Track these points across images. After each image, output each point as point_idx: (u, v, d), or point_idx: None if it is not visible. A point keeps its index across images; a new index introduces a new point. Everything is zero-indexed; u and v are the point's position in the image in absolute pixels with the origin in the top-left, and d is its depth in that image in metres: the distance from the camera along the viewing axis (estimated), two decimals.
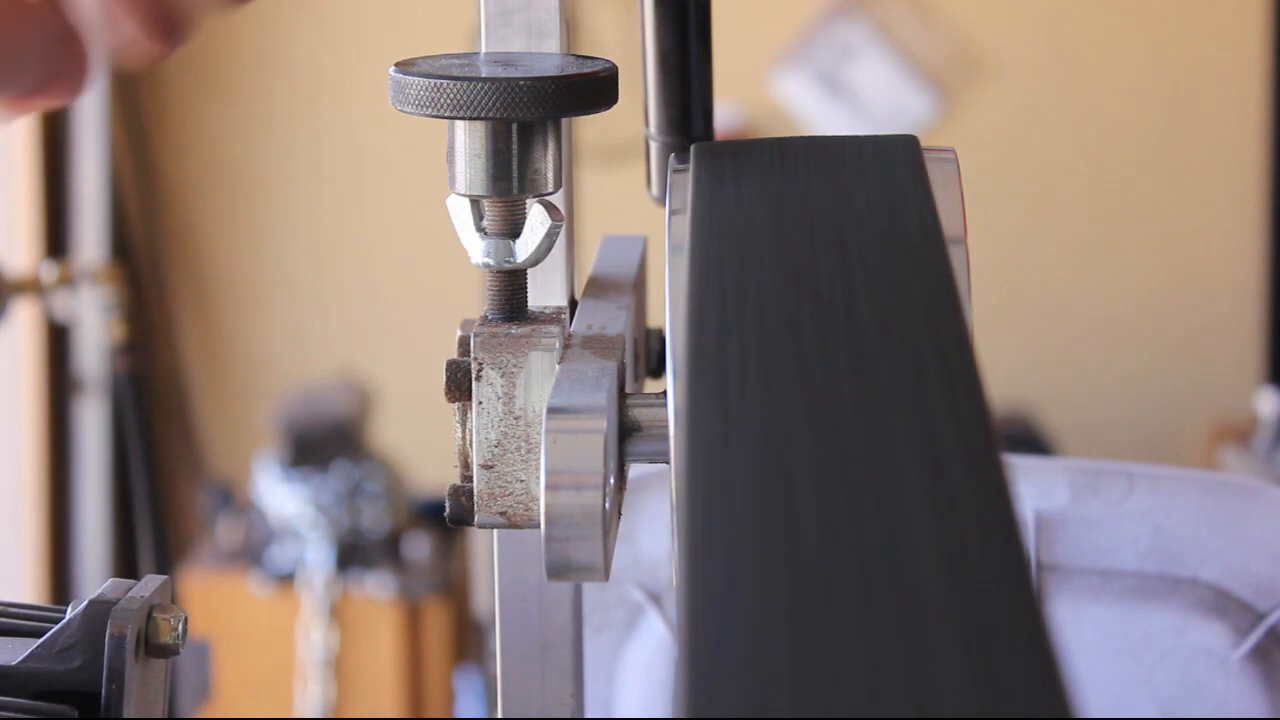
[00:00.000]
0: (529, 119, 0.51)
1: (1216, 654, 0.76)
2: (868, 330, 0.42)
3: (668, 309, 0.51)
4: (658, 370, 0.65)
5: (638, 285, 0.64)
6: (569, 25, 0.60)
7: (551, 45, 0.58)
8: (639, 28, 0.64)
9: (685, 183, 0.54)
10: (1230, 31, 2.89)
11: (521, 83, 0.50)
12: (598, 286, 0.61)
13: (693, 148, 0.54)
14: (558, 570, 0.48)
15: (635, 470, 0.61)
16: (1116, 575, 0.76)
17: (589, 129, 2.49)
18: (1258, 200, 2.92)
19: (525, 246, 0.54)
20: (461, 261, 0.56)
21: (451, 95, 0.51)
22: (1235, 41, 2.89)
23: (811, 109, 2.92)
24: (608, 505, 0.48)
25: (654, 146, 0.66)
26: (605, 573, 0.48)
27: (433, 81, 0.52)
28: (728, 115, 2.79)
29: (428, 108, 0.52)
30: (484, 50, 0.58)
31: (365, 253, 2.98)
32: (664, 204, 0.60)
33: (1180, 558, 0.76)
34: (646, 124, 0.66)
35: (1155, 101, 2.91)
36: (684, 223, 0.52)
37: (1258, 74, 2.89)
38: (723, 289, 0.44)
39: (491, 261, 0.54)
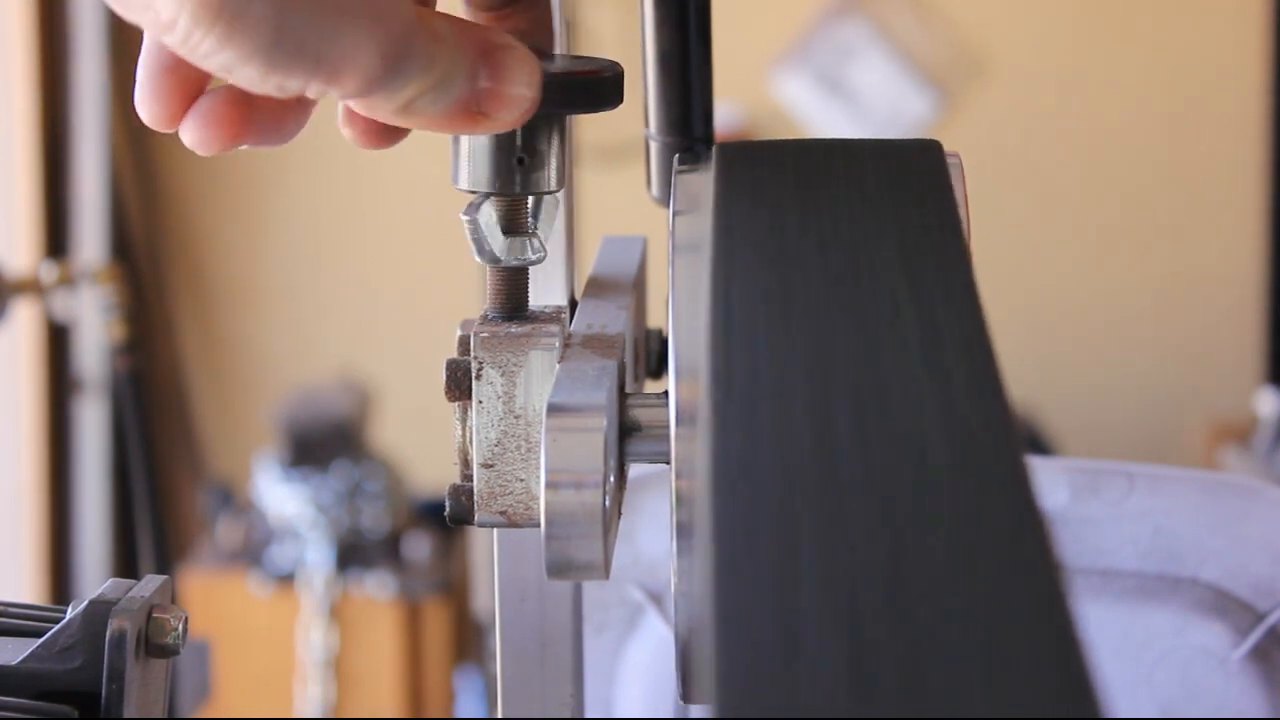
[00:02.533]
0: (533, 115, 0.52)
1: (1216, 654, 0.76)
2: (893, 334, 0.42)
3: (670, 309, 0.51)
4: (658, 371, 0.65)
5: (638, 286, 0.64)
6: (569, 25, 0.60)
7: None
8: (639, 28, 0.64)
9: (690, 183, 0.54)
10: (1230, 33, 2.89)
11: None
12: (598, 287, 0.61)
13: (715, 147, 0.54)
14: (558, 569, 0.48)
15: (635, 470, 0.61)
16: (1116, 575, 0.76)
17: (589, 129, 2.49)
18: (1258, 200, 2.92)
19: (546, 239, 0.54)
20: (461, 262, 0.56)
21: None
22: (1235, 43, 2.89)
23: (811, 109, 2.92)
24: (608, 503, 0.48)
25: (654, 147, 0.66)
26: (605, 571, 0.48)
27: None
28: (728, 115, 2.79)
29: None
30: None
31: (365, 253, 2.98)
32: (664, 204, 0.60)
33: (1180, 558, 0.76)
34: (646, 124, 0.66)
35: (1155, 101, 2.91)
36: (689, 223, 0.52)
37: (1258, 74, 2.89)
38: (748, 295, 0.44)
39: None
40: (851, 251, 0.46)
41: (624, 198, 1.77)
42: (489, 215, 0.54)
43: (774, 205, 0.49)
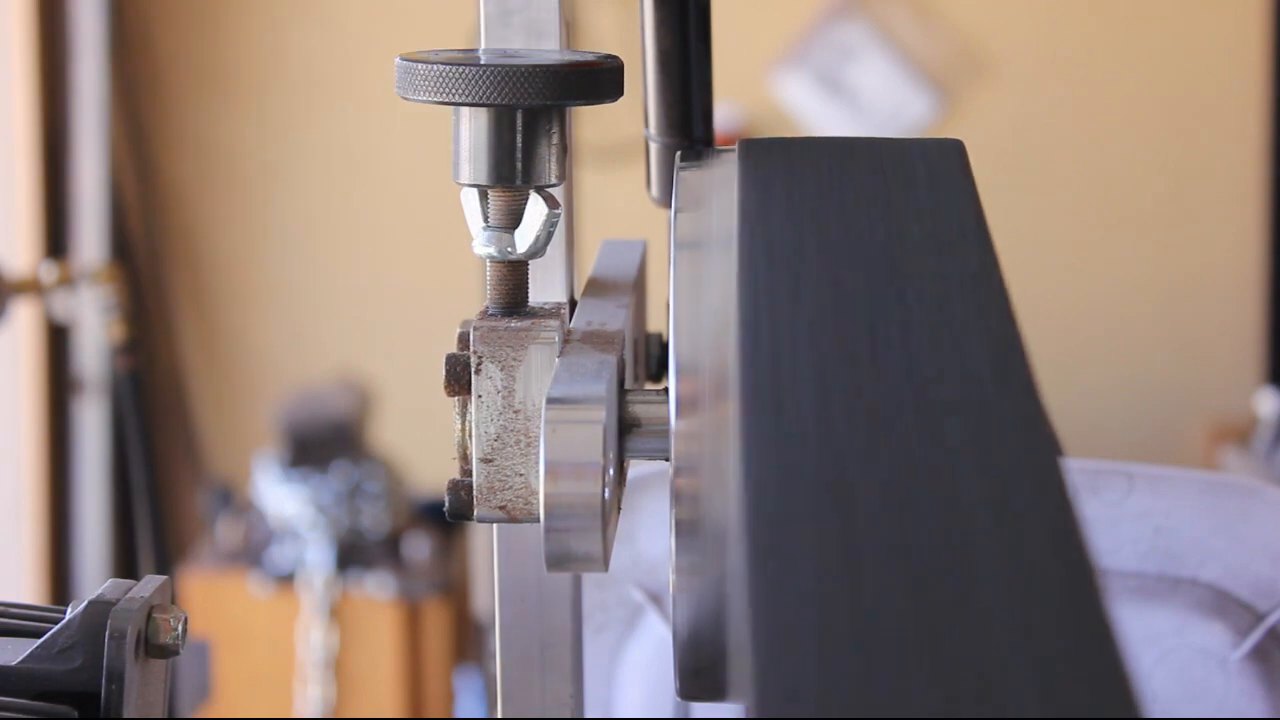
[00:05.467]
0: (534, 105, 0.52)
1: (1216, 654, 0.76)
2: (923, 344, 0.42)
3: (671, 305, 0.51)
4: (658, 374, 0.65)
5: (637, 287, 0.64)
6: (568, 25, 0.60)
7: (551, 44, 0.58)
8: (639, 28, 0.64)
9: (692, 181, 0.54)
10: (1230, 34, 2.89)
11: (528, 69, 0.51)
12: (597, 287, 0.61)
13: (739, 143, 0.54)
14: (557, 560, 0.48)
15: (635, 470, 0.61)
16: (1116, 575, 0.76)
17: (589, 129, 2.49)
18: (1258, 200, 2.92)
19: (524, 237, 0.54)
20: (461, 262, 0.56)
21: (459, 80, 0.51)
22: (1235, 44, 2.89)
23: (811, 109, 2.92)
24: (607, 495, 0.48)
25: (654, 147, 0.66)
26: (604, 563, 0.48)
27: (440, 68, 0.52)
28: (728, 115, 2.79)
29: (435, 94, 0.52)
30: (485, 47, 0.58)
31: (365, 252, 2.98)
32: (664, 205, 0.60)
33: (1180, 558, 0.76)
34: (646, 125, 0.66)
35: (1155, 102, 2.91)
36: (691, 220, 0.52)
37: (1258, 74, 2.89)
38: (775, 296, 0.44)
39: (494, 252, 0.54)
40: (880, 250, 0.46)
41: (624, 198, 1.77)
42: (465, 202, 0.54)
43: (800, 201, 0.49)
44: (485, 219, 0.54)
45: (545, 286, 0.60)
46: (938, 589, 0.34)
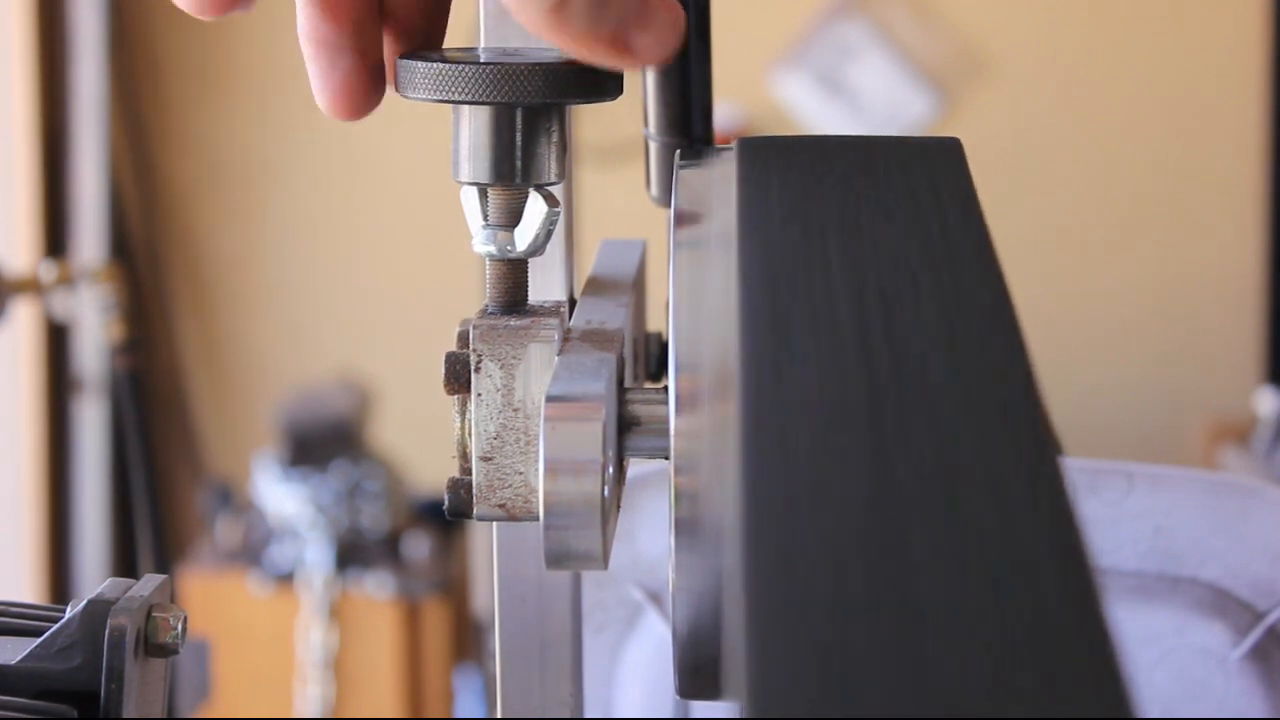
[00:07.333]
0: (536, 103, 0.52)
1: (1216, 654, 0.76)
2: (922, 343, 0.42)
3: (670, 304, 0.51)
4: (658, 374, 0.65)
5: (637, 287, 0.63)
6: None
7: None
8: None
9: (691, 179, 0.54)
10: (1230, 34, 2.89)
11: (528, 67, 0.51)
12: (597, 286, 0.61)
13: (736, 141, 0.54)
14: (556, 559, 0.48)
15: (635, 469, 0.61)
16: (1116, 575, 0.76)
17: (589, 129, 2.49)
18: (1258, 200, 2.92)
19: (524, 235, 0.54)
20: (461, 261, 0.56)
21: (458, 79, 0.51)
22: (1235, 44, 2.89)
23: (811, 109, 2.92)
24: (606, 493, 0.47)
25: (653, 147, 0.66)
26: (604, 562, 0.48)
27: (440, 66, 0.52)
28: (728, 115, 2.79)
29: (434, 92, 0.52)
30: (484, 46, 0.58)
31: (364, 252, 2.98)
32: (664, 205, 0.60)
33: (1180, 558, 0.76)
34: (646, 124, 0.66)
35: (1155, 102, 2.91)
36: (690, 219, 0.52)
37: (1258, 74, 2.89)
38: (774, 295, 0.44)
39: (493, 250, 0.54)
40: (879, 248, 0.46)
41: (624, 198, 1.77)
42: (464, 200, 0.54)
43: (798, 199, 0.49)
44: (485, 217, 0.54)
45: (545, 285, 0.60)
46: (935, 588, 0.33)
